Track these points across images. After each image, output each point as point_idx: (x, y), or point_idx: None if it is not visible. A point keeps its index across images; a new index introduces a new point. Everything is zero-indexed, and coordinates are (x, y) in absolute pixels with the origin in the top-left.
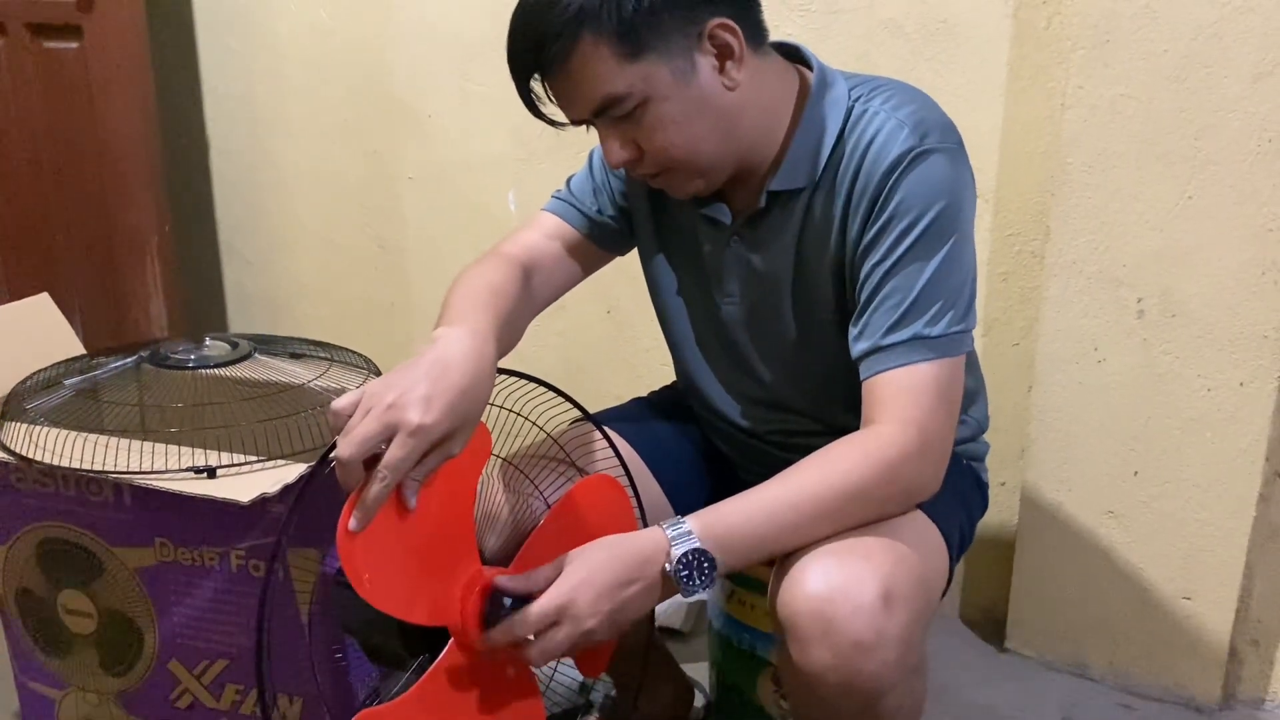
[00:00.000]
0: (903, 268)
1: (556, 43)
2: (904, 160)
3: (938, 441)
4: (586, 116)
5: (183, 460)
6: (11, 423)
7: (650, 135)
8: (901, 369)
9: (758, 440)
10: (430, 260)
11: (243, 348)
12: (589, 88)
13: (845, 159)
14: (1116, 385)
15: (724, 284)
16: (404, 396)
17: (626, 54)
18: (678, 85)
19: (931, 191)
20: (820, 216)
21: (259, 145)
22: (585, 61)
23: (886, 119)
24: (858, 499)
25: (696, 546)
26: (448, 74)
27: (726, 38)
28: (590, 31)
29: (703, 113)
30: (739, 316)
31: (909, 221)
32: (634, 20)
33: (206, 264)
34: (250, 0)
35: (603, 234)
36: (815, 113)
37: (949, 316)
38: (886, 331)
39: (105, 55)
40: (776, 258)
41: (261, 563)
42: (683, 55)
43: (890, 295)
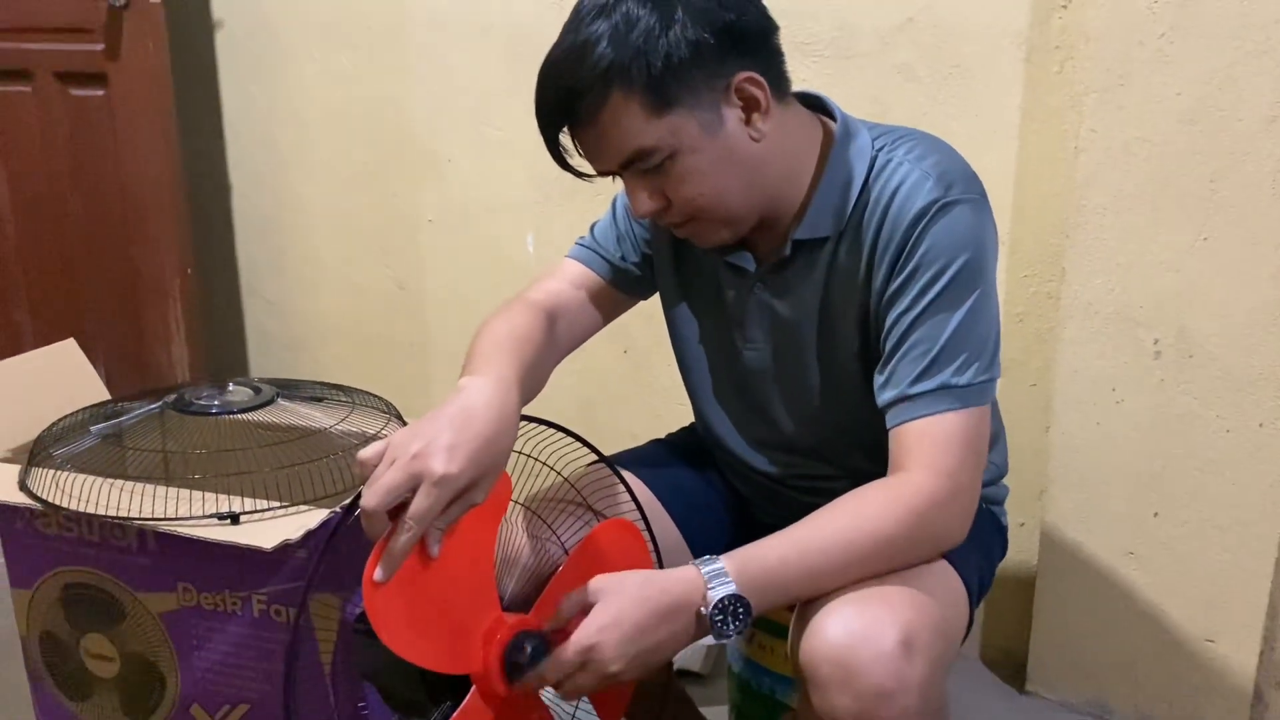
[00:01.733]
0: (929, 317)
1: (587, 97)
2: (929, 211)
3: (967, 491)
4: (614, 168)
5: (206, 506)
6: (38, 468)
7: (678, 186)
8: (929, 418)
9: (777, 484)
10: (449, 302)
11: (265, 393)
12: (618, 141)
13: (870, 208)
14: (1135, 426)
15: (747, 330)
16: (429, 446)
17: (655, 108)
18: (705, 138)
19: (957, 242)
20: (845, 265)
21: (280, 188)
22: (615, 116)
23: (911, 169)
24: (889, 546)
25: (734, 592)
26: (466, 119)
27: (753, 90)
28: (620, 87)
29: (730, 164)
30: (762, 363)
31: (934, 272)
32: (663, 75)
33: (228, 305)
34: (272, 47)
35: (626, 280)
36: (839, 162)
37: (975, 366)
38: (913, 380)
39: (130, 102)
40: (801, 305)
41: (284, 608)
42: (710, 108)
43: (917, 344)
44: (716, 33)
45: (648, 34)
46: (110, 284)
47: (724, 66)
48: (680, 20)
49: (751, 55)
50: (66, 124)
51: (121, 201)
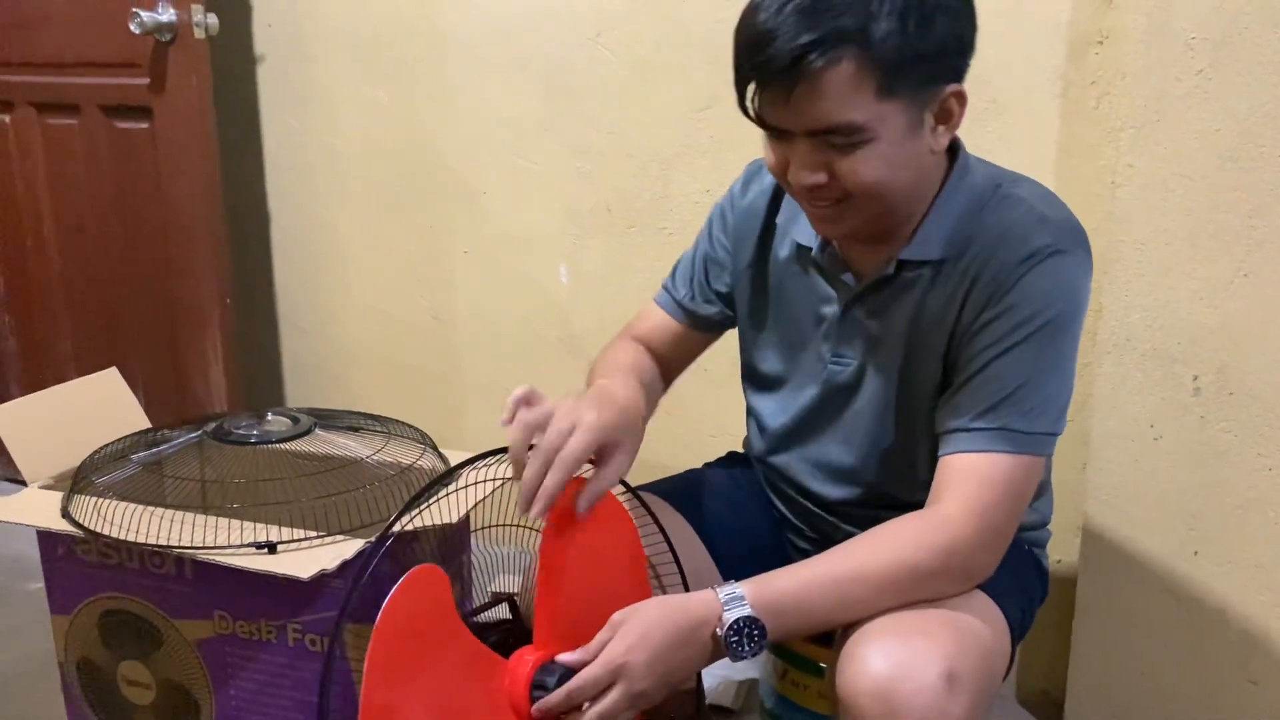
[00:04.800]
0: (1008, 358)
1: (824, 53)
2: (1036, 255)
3: (996, 534)
4: (801, 131)
5: (245, 535)
6: (80, 495)
7: (855, 168)
8: (980, 454)
9: (824, 509)
10: (481, 332)
11: (303, 423)
12: (830, 108)
13: (978, 240)
14: (1173, 463)
15: (838, 347)
16: (580, 404)
17: (881, 91)
18: (905, 135)
19: (1055, 292)
20: (941, 292)
21: (318, 220)
22: (840, 82)
23: (1028, 211)
24: (908, 578)
25: (748, 614)
26: (501, 152)
27: (954, 106)
28: (860, 57)
29: (908, 166)
30: (847, 380)
31: (1026, 315)
32: (902, 64)
33: (264, 334)
34: (312, 82)
35: (702, 323)
36: (956, 191)
37: (1041, 418)
38: (977, 415)
39: (173, 135)
40: (893, 326)
41: (318, 637)
42: (919, 109)
43: (989, 381)
44: (958, 41)
45: (904, 22)
46: (151, 312)
47: (947, 75)
48: (937, 24)
49: (963, 72)
50: (111, 155)
51: (163, 232)
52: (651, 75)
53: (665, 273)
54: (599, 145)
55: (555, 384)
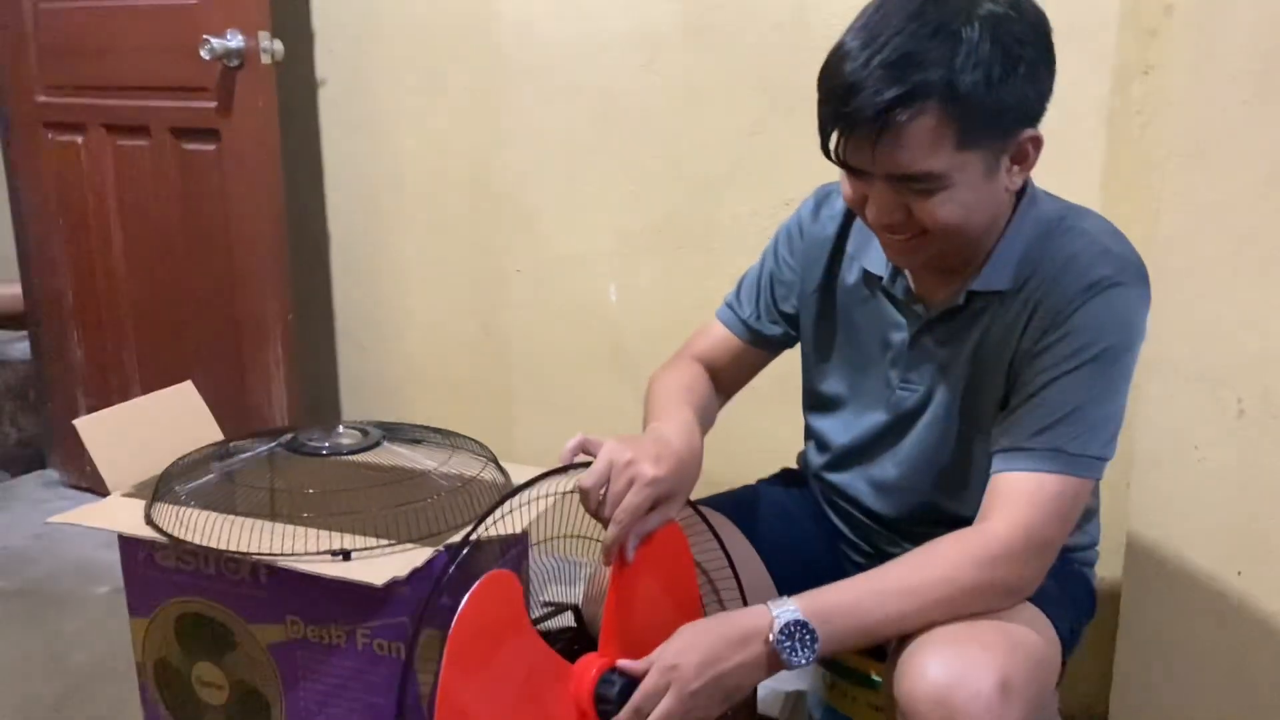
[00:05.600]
0: (1063, 383)
1: (908, 108)
2: (1097, 286)
3: (1042, 551)
4: (882, 175)
5: (319, 543)
6: (161, 503)
7: (933, 210)
8: (1030, 473)
9: (881, 526)
10: (533, 347)
11: (372, 435)
12: (910, 157)
13: (1042, 270)
14: (1217, 485)
15: (907, 373)
16: (638, 454)
17: (961, 142)
18: (982, 179)
19: (1113, 323)
20: (1006, 320)
21: (376, 239)
22: (922, 134)
23: (1091, 243)
24: (956, 592)
25: (799, 618)
26: (555, 175)
27: (1030, 149)
28: (943, 112)
29: (984, 206)
30: (913, 404)
31: (1083, 343)
32: (983, 118)
33: (324, 349)
34: (372, 106)
35: (764, 341)
36: (1023, 223)
37: (1092, 442)
38: (1030, 435)
39: (240, 157)
40: (960, 353)
41: (386, 641)
42: (997, 155)
43: (1044, 404)
44: (1038, 90)
45: (988, 75)
46: (215, 328)
47: (1024, 122)
48: (1020, 75)
49: (1039, 116)
50: (179, 176)
51: (228, 250)
52: (701, 100)
53: (714, 293)
54: (650, 167)
55: (605, 399)
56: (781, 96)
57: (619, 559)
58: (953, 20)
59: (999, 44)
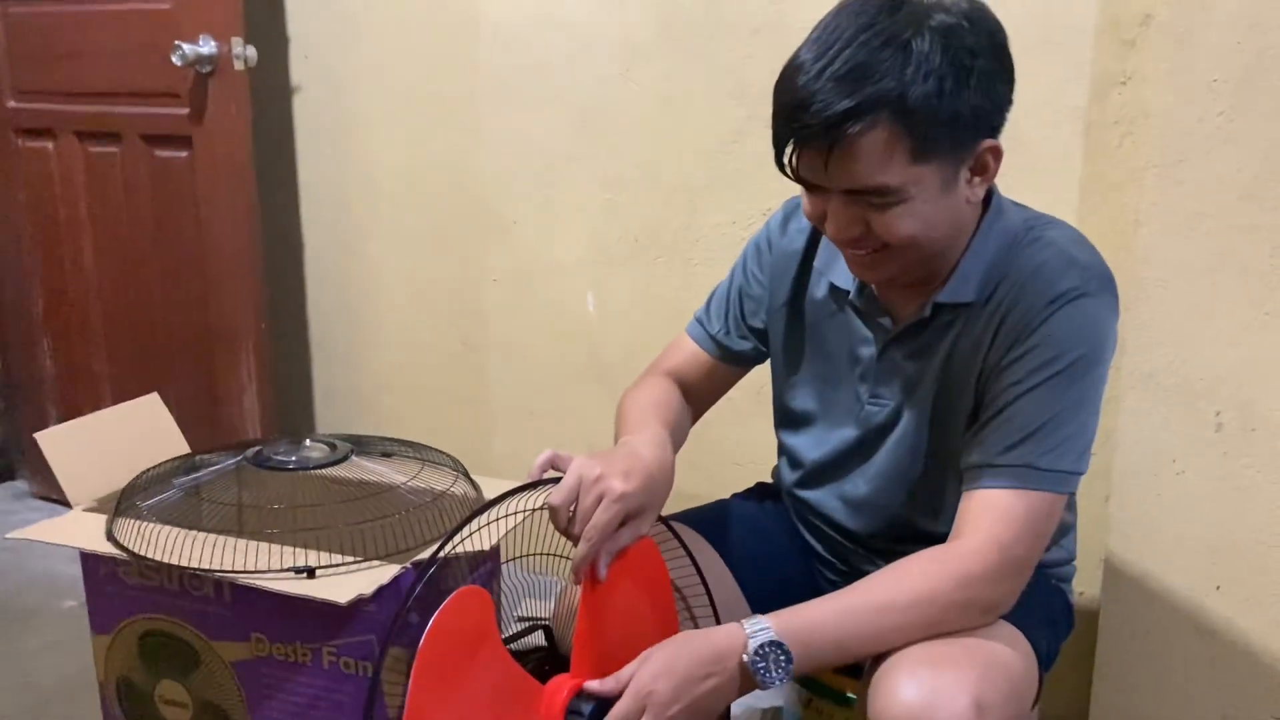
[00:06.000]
0: (1032, 397)
1: (859, 122)
2: (1064, 297)
3: (1016, 568)
4: (837, 190)
5: (284, 560)
6: (123, 518)
7: (890, 224)
8: (1002, 490)
9: (853, 543)
10: (510, 358)
11: (340, 449)
12: (864, 172)
13: (1008, 281)
14: (1196, 498)
15: (876, 387)
16: (607, 470)
17: (916, 155)
18: (939, 192)
19: (1080, 334)
20: (974, 332)
21: (351, 248)
22: (875, 149)
23: (1058, 253)
24: (931, 610)
25: (773, 638)
26: (531, 183)
27: (989, 160)
28: (896, 125)
29: (943, 219)
30: (882, 419)
31: (1050, 355)
32: (938, 130)
33: (297, 359)
34: (347, 112)
35: (734, 357)
36: (989, 233)
37: (1064, 455)
38: (1001, 451)
39: (212, 164)
40: (928, 367)
41: (352, 660)
42: (954, 167)
43: (1014, 418)
44: (994, 100)
45: (941, 86)
46: (187, 337)
47: (981, 132)
48: (973, 86)
49: (998, 125)
50: (150, 183)
51: (200, 258)
52: (679, 109)
53: (691, 302)
54: (627, 176)
55: (583, 409)
56: (760, 105)
57: (590, 577)
58: (903, 31)
59: (950, 54)
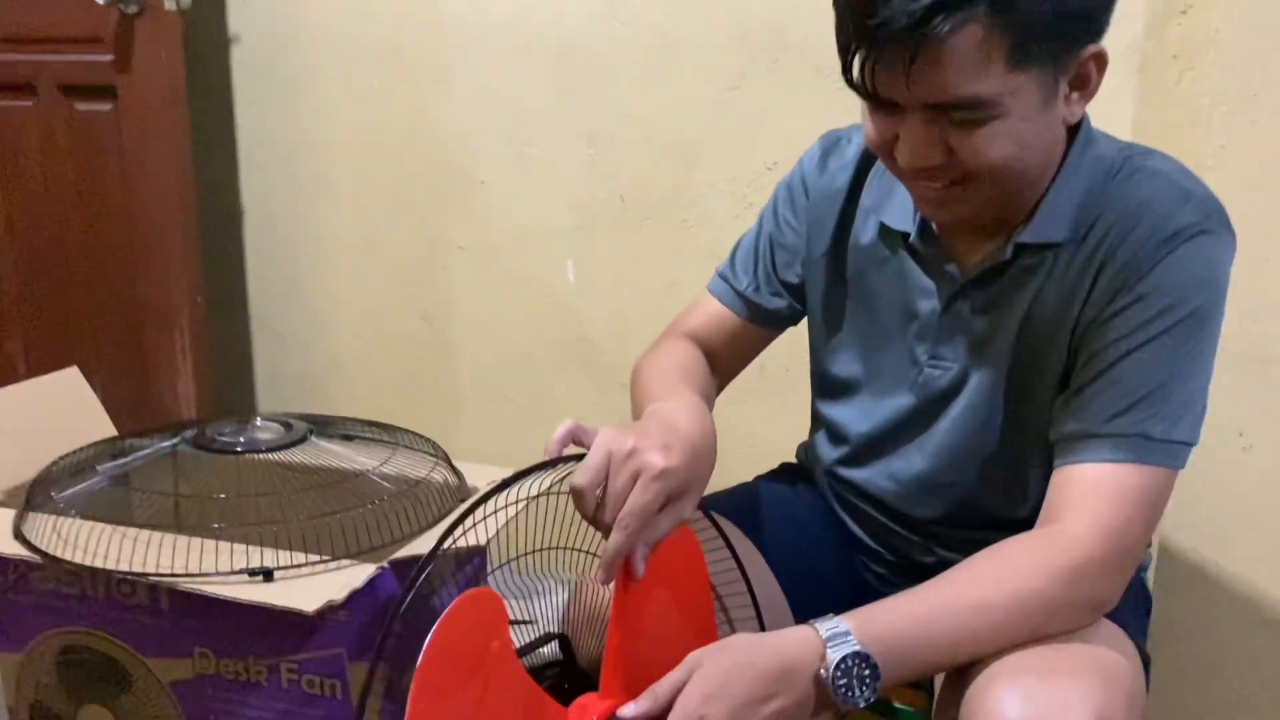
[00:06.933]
0: (1145, 353)
1: (951, 16)
2: (1183, 234)
3: (1127, 557)
4: (921, 105)
5: (234, 560)
6: (36, 513)
7: (981, 146)
8: (1110, 465)
9: (909, 529)
10: (480, 335)
11: (297, 430)
12: (955, 79)
13: (1108, 218)
14: (1264, 477)
15: (936, 348)
16: (643, 442)
17: (1014, 61)
18: (1038, 108)
19: (1201, 279)
20: (1065, 278)
21: (297, 213)
22: (969, 50)
23: (1168, 184)
24: (1035, 609)
25: (857, 649)
26: (502, 139)
27: (1093, 70)
28: (994, 22)
29: (1041, 139)
30: (945, 384)
31: (1168, 304)
32: (1040, 30)
33: (237, 338)
34: (293, 63)
35: (765, 316)
36: (1080, 163)
37: (1180, 423)
38: (1108, 419)
39: (140, 117)
40: (1004, 323)
41: (319, 678)
42: (1054, 79)
43: (1124, 379)
44: (1104, 2)
45: None
46: (113, 312)
47: (1085, 37)
48: None
49: (1102, 31)
50: (70, 140)
51: (128, 224)
52: (671, 52)
53: (685, 270)
54: (611, 130)
55: (564, 393)
56: (763, 48)
57: (624, 575)
58: None
59: None
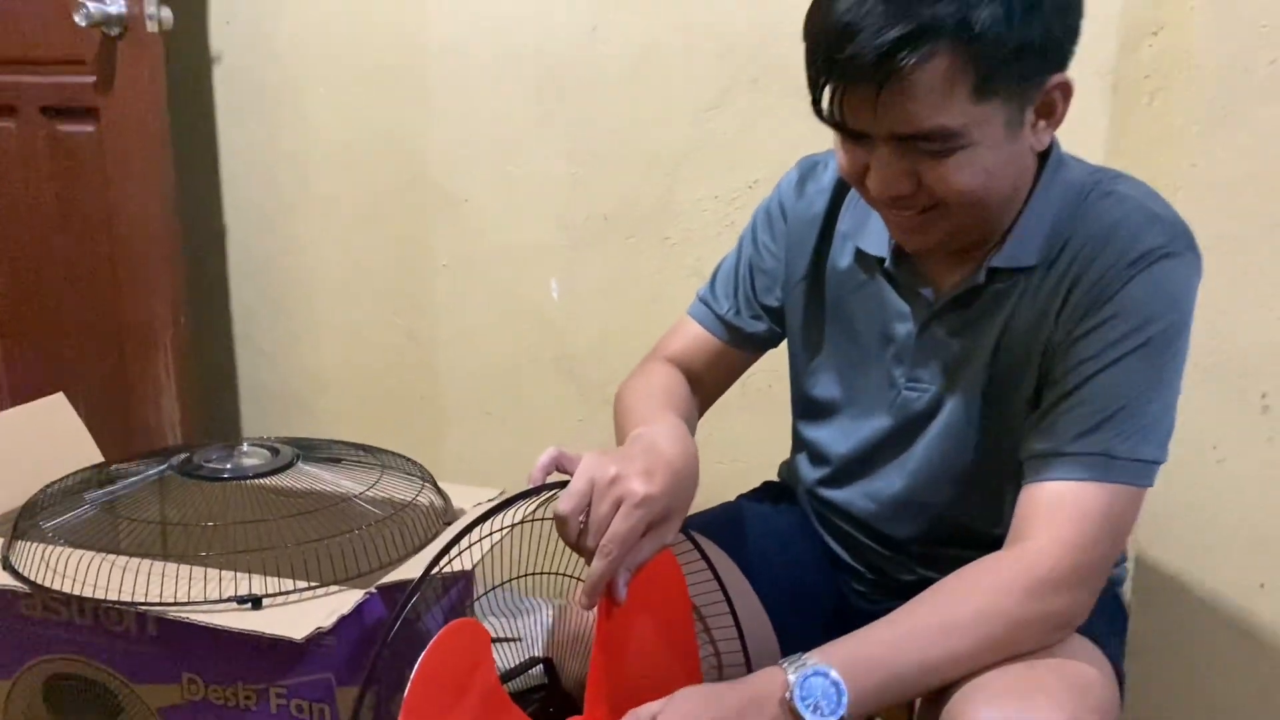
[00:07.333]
0: (1112, 373)
1: (917, 49)
2: (1148, 257)
3: (1092, 575)
4: (890, 135)
5: (224, 588)
6: (23, 542)
7: (948, 175)
8: (1075, 483)
9: (889, 549)
10: (464, 353)
11: (284, 455)
12: (922, 111)
13: (1078, 241)
14: (1238, 488)
15: (913, 370)
16: (625, 469)
17: (980, 91)
18: (1004, 136)
19: (1168, 300)
20: (1036, 300)
21: (281, 231)
22: (934, 82)
23: (1136, 208)
24: (1001, 629)
25: (821, 668)
26: (486, 156)
27: (1058, 99)
28: (958, 54)
29: (1008, 168)
30: (922, 407)
31: (1134, 325)
32: (1004, 55)
33: (220, 357)
34: (275, 80)
35: (745, 339)
36: (1051, 188)
37: (1146, 442)
38: (1075, 437)
39: (122, 138)
40: (979, 345)
41: (307, 702)
42: (1020, 107)
43: (1091, 399)
44: (1065, 27)
45: (1009, 8)
46: (96, 333)
47: (1051, 65)
48: (1045, 9)
49: (1067, 59)
50: (52, 161)
51: (110, 244)
52: (653, 71)
53: (670, 287)
54: (595, 147)
55: (548, 411)
56: (745, 65)
57: (607, 600)
58: None
59: None
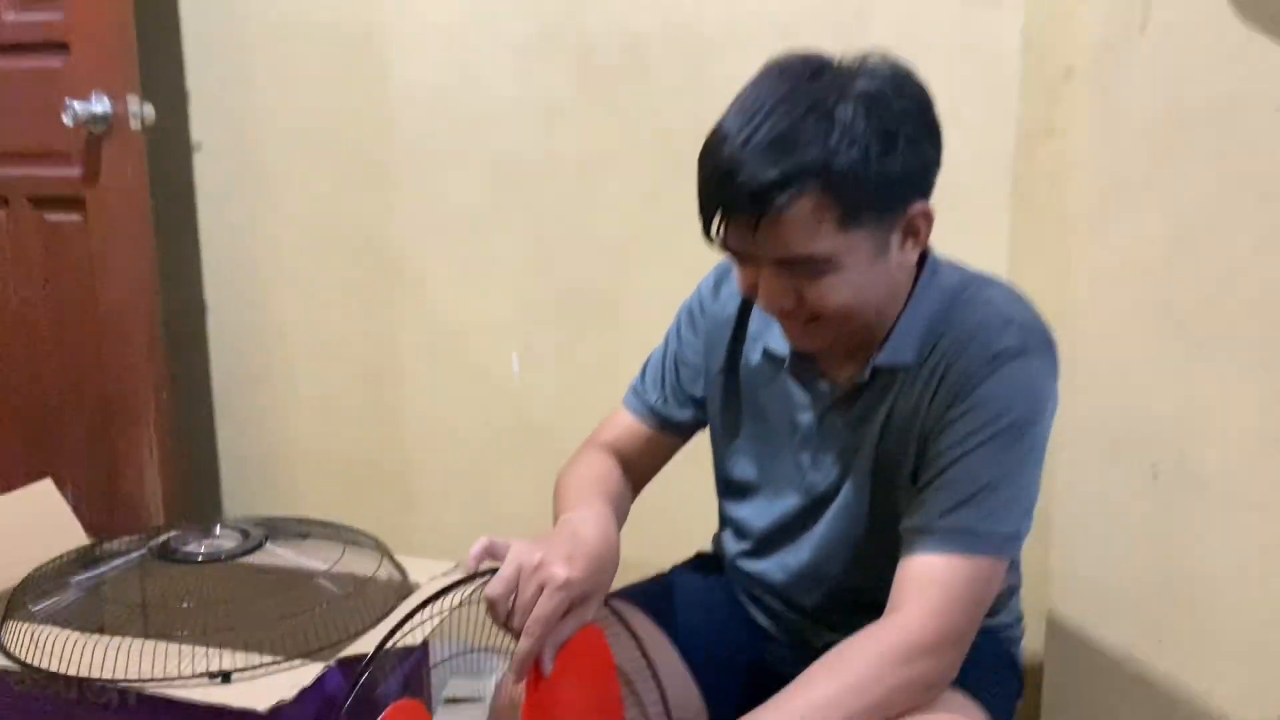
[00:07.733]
0: (971, 459)
1: (784, 192)
2: (1003, 356)
3: (956, 638)
4: (767, 260)
5: (198, 664)
6: (14, 622)
7: (823, 294)
8: (941, 557)
9: (800, 615)
10: (431, 424)
11: (254, 536)
12: (793, 243)
13: (946, 341)
14: (1135, 551)
15: (817, 454)
16: (548, 555)
17: (844, 222)
18: (871, 259)
19: (1020, 394)
20: (913, 393)
21: (258, 311)
22: (802, 218)
23: (995, 313)
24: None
25: None
26: (449, 241)
27: (920, 223)
28: (823, 194)
29: (876, 286)
30: (824, 487)
31: (989, 416)
32: (864, 192)
33: (201, 431)
34: (252, 169)
35: (673, 426)
36: (926, 294)
37: (1004, 518)
38: (939, 515)
39: (107, 226)
40: (869, 431)
41: None
42: (885, 233)
43: (952, 481)
44: (921, 163)
45: (866, 153)
46: (81, 412)
47: (912, 195)
48: (899, 150)
49: (928, 187)
50: (41, 249)
51: (96, 326)
52: (600, 164)
53: (620, 363)
54: (550, 235)
55: (510, 478)
56: (682, 162)
57: (534, 673)
58: (826, 99)
59: (875, 120)
